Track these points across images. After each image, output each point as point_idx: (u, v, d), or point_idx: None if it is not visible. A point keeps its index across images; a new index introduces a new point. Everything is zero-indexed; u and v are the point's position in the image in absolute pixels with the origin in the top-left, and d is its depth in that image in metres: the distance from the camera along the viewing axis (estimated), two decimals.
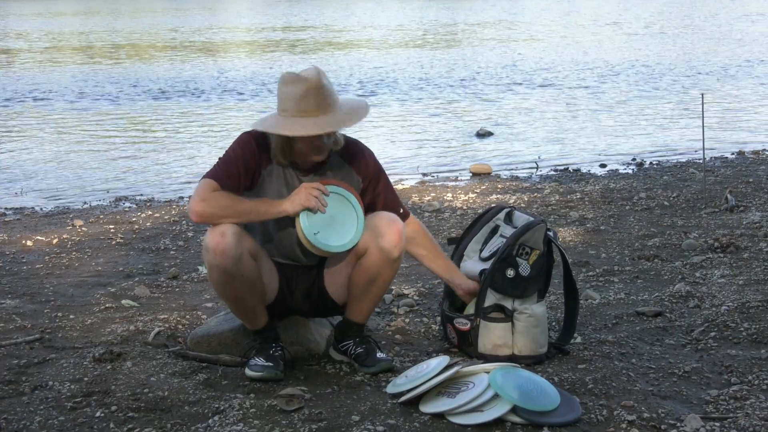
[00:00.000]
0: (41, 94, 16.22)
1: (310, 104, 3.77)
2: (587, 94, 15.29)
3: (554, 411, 3.46)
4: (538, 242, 4.11)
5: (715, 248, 5.85)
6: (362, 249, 3.93)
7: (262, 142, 3.91)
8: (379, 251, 3.88)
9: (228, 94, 15.81)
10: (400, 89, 16.16)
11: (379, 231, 3.89)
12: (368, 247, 3.91)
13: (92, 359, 4.12)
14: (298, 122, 3.76)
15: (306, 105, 3.77)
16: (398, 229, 3.91)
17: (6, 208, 8.14)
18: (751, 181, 8.21)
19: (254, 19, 39.77)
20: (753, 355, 4.07)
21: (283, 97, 3.82)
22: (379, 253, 3.89)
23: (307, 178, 3.95)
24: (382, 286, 4.00)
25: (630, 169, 9.49)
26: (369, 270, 3.92)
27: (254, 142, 3.90)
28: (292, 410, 3.58)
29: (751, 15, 33.83)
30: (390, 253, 3.89)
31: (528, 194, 8.00)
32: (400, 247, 3.92)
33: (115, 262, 6.04)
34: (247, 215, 3.82)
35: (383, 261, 3.90)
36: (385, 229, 3.89)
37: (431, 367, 3.68)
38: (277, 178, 3.94)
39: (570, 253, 5.74)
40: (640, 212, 7.12)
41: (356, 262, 3.96)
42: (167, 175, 9.72)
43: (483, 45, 24.76)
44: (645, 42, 24.22)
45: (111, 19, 40.58)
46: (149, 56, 23.19)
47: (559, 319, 4.51)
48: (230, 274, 3.80)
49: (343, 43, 26.61)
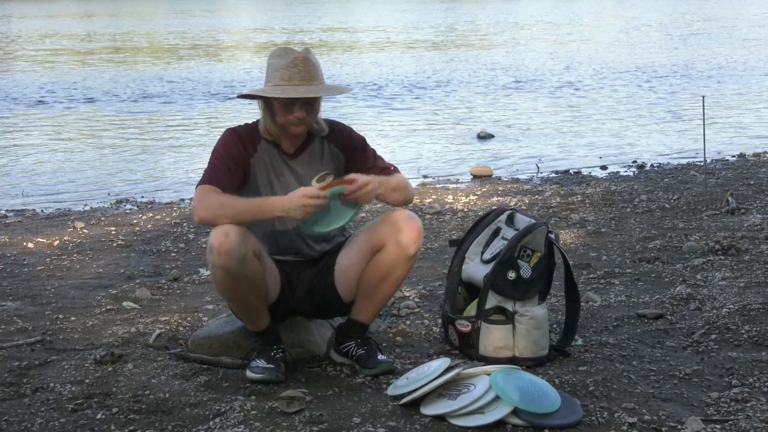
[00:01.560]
0: (42, 96, 16.22)
1: (293, 74, 3.85)
2: (588, 96, 15.29)
3: (555, 413, 3.46)
4: (539, 244, 4.12)
5: (716, 250, 5.85)
6: (380, 243, 3.94)
7: (244, 133, 3.99)
8: (396, 246, 3.90)
9: (229, 96, 15.82)
10: (401, 91, 16.16)
11: (399, 226, 3.91)
12: (386, 242, 3.92)
13: (93, 361, 4.13)
14: (279, 89, 3.85)
15: (290, 75, 3.85)
16: (417, 226, 3.93)
17: (7, 210, 8.14)
18: (752, 183, 8.21)
19: (255, 22, 39.79)
20: (754, 358, 4.07)
21: (269, 70, 3.92)
22: (397, 248, 3.90)
23: (294, 161, 4.00)
24: (393, 284, 4.01)
25: (631, 171, 9.49)
26: (383, 265, 3.92)
27: (235, 136, 3.98)
28: (293, 412, 3.58)
29: (753, 16, 33.83)
30: (407, 249, 3.91)
31: (529, 196, 8.00)
32: (418, 245, 3.94)
33: (116, 264, 6.05)
34: (243, 215, 3.83)
35: (399, 257, 3.92)
36: (403, 225, 3.92)
37: (432, 369, 3.68)
38: (265, 166, 3.99)
39: (571, 255, 5.74)
40: (641, 214, 7.12)
41: (372, 257, 3.97)
42: (168, 177, 9.72)
43: (484, 47, 24.78)
44: (646, 44, 24.22)
45: (112, 21, 40.60)
46: (150, 58, 23.20)
47: (560, 321, 4.51)
48: (234, 275, 3.80)
49: (344, 45, 26.62)
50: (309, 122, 3.94)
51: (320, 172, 4.04)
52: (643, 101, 14.61)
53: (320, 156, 4.05)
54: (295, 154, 4.02)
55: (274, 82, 3.88)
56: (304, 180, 4.01)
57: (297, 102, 3.86)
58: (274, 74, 3.89)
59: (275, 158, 4.00)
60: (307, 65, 3.87)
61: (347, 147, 4.07)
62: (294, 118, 3.88)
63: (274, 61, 3.92)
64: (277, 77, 3.88)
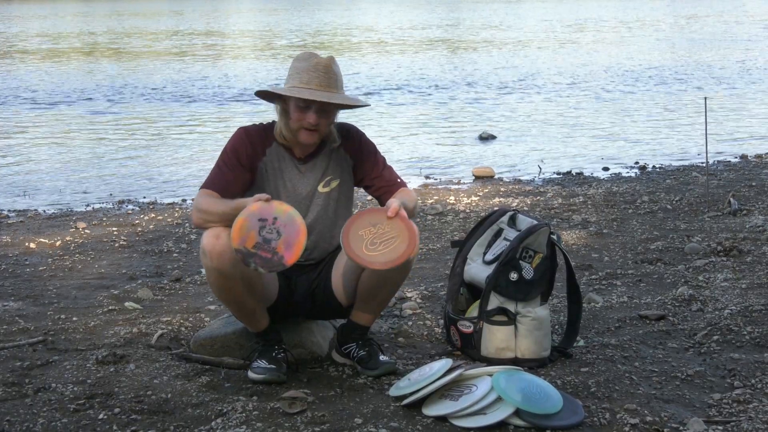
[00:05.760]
0: (44, 96, 16.23)
1: (312, 78, 3.84)
2: (590, 97, 15.29)
3: (557, 414, 3.46)
4: (541, 245, 4.12)
5: (718, 252, 5.85)
6: None
7: (255, 134, 3.99)
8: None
9: (231, 96, 15.82)
10: (402, 92, 16.17)
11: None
12: None
13: (95, 361, 4.13)
14: (295, 90, 3.85)
15: (309, 78, 3.85)
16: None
17: (9, 211, 8.15)
18: (754, 184, 8.21)
19: (256, 22, 39.80)
20: (756, 359, 4.07)
21: (291, 71, 3.93)
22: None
23: (304, 166, 4.00)
24: (392, 289, 4.01)
25: (633, 172, 9.49)
26: (379, 273, 3.92)
27: (246, 136, 3.98)
28: (294, 413, 3.58)
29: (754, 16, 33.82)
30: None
31: (531, 197, 8.00)
32: (415, 252, 3.92)
33: (118, 264, 6.05)
34: (229, 218, 3.81)
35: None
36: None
37: (434, 369, 3.68)
38: (273, 169, 3.98)
39: (573, 256, 5.74)
40: (643, 216, 7.12)
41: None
42: (170, 178, 9.72)
43: (486, 48, 24.77)
44: (648, 45, 24.22)
45: (113, 21, 40.62)
46: (153, 58, 23.21)
47: (562, 323, 4.51)
48: (228, 276, 3.80)
49: (345, 45, 26.63)
50: (321, 131, 3.92)
51: (326, 177, 4.03)
52: (645, 102, 14.61)
53: (329, 161, 4.04)
54: (306, 159, 4.02)
55: (292, 84, 3.89)
56: (310, 185, 4.00)
57: (312, 107, 3.85)
58: (295, 76, 3.89)
59: (285, 162, 3.99)
60: (328, 72, 3.87)
61: (357, 152, 4.06)
62: (307, 123, 3.86)
63: (298, 64, 3.92)
64: (296, 79, 3.88)
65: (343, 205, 4.09)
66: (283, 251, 3.63)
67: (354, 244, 3.67)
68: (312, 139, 3.93)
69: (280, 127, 3.98)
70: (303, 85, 3.86)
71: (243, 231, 3.63)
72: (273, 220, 3.65)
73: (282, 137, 3.98)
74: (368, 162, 4.05)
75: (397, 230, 3.71)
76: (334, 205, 4.06)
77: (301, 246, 3.64)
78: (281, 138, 3.99)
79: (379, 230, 3.71)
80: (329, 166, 4.04)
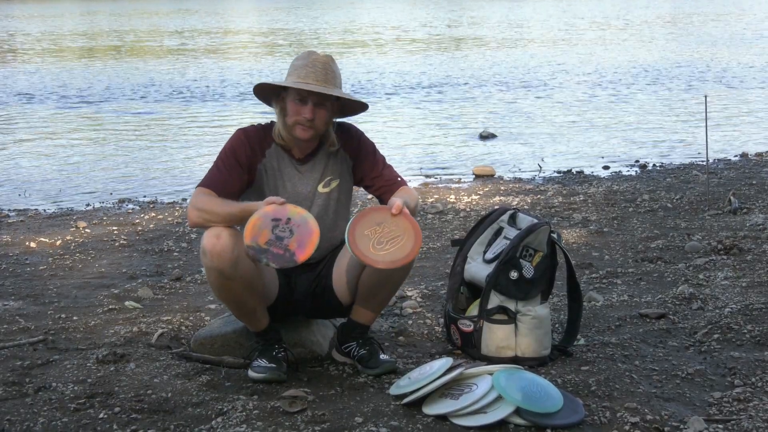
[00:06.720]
0: (44, 95, 16.23)
1: (309, 73, 3.86)
2: (590, 96, 15.29)
3: (557, 413, 3.46)
4: (541, 244, 4.12)
5: (718, 250, 5.85)
6: None
7: (254, 135, 4.00)
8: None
9: (231, 96, 15.82)
10: (403, 91, 16.17)
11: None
12: None
13: (95, 361, 4.13)
14: (290, 81, 3.88)
15: (306, 74, 3.87)
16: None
17: (9, 210, 8.15)
18: (754, 183, 8.21)
19: (257, 22, 39.79)
20: (756, 357, 4.07)
21: (290, 69, 3.96)
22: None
23: (303, 166, 4.00)
24: (392, 288, 4.00)
25: (633, 171, 9.49)
26: (380, 271, 3.92)
27: (244, 137, 3.98)
28: (295, 412, 3.58)
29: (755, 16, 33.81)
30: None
31: (531, 196, 8.00)
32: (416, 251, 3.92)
33: (118, 263, 6.05)
34: (228, 220, 3.82)
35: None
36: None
37: (434, 368, 3.68)
38: (272, 170, 3.98)
39: (573, 255, 5.74)
40: (643, 214, 7.12)
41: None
42: (170, 177, 9.73)
43: (486, 47, 24.77)
44: (648, 44, 24.21)
45: (113, 21, 40.62)
46: (152, 58, 23.21)
47: (563, 321, 4.51)
48: (228, 276, 3.80)
49: (346, 44, 26.62)
50: (316, 128, 3.92)
51: (326, 177, 4.03)
52: (645, 100, 14.61)
53: (328, 161, 4.04)
54: (305, 159, 4.02)
55: (290, 80, 3.91)
56: (310, 185, 4.00)
57: (309, 101, 3.86)
58: (293, 73, 3.92)
59: (284, 162, 3.99)
60: (325, 69, 3.88)
61: (356, 151, 4.06)
62: (302, 118, 3.87)
63: (296, 62, 3.95)
64: (294, 75, 3.91)
65: (343, 205, 4.09)
66: (296, 248, 3.65)
67: (361, 244, 3.67)
68: (307, 135, 3.92)
69: (279, 128, 3.98)
70: (300, 80, 3.87)
71: (256, 229, 3.65)
72: (287, 221, 3.68)
73: (280, 138, 3.99)
74: (368, 161, 4.05)
75: (402, 228, 3.71)
76: (335, 205, 4.06)
77: (313, 245, 3.66)
78: (280, 139, 3.99)
79: (385, 229, 3.71)
80: (328, 166, 4.04)
